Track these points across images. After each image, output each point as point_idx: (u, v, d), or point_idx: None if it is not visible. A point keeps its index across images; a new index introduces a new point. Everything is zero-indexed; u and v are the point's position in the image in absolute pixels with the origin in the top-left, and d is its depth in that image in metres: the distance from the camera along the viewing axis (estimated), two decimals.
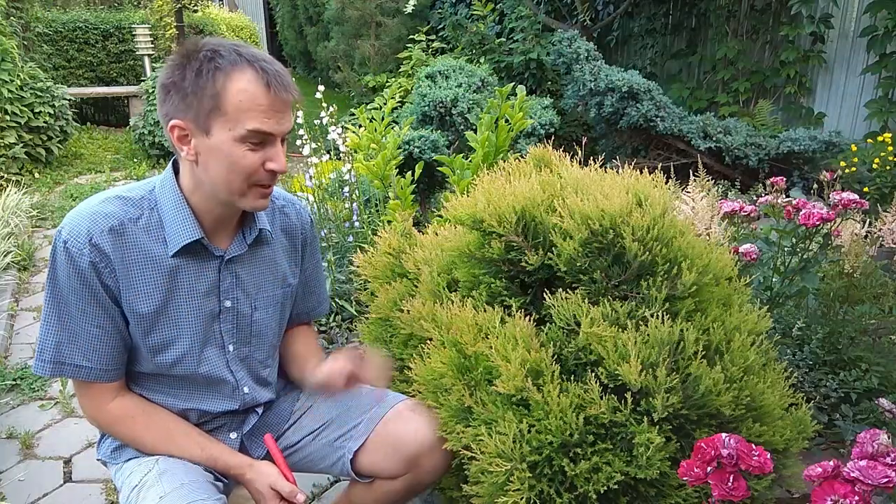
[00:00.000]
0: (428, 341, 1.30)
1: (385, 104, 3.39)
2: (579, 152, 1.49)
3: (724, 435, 0.96)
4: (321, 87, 3.49)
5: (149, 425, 1.18)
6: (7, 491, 1.90)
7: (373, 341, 1.64)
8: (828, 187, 2.78)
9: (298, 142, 3.40)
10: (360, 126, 2.66)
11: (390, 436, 1.25)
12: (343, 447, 1.28)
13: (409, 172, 2.52)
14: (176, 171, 1.15)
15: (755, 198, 2.76)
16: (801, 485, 1.17)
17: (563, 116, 5.17)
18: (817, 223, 1.73)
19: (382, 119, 2.62)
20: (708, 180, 2.39)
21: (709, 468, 0.95)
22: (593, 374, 1.12)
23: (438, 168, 2.52)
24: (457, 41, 6.39)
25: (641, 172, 1.36)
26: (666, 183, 1.39)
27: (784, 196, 1.95)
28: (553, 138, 4.49)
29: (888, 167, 3.63)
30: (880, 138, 3.80)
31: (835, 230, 1.90)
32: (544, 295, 1.25)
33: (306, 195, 3.35)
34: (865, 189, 3.57)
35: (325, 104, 3.33)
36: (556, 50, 4.65)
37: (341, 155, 3.40)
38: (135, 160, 6.13)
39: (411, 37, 6.94)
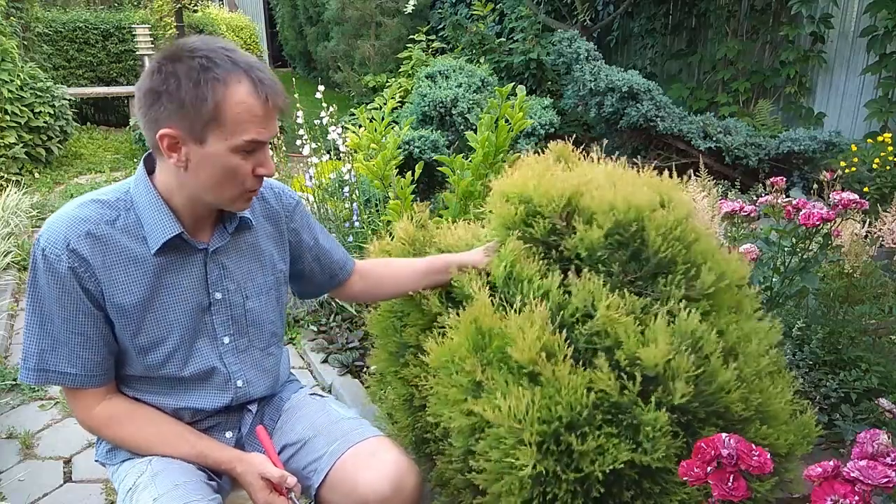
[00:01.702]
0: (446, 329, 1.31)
1: (385, 104, 3.39)
2: (598, 151, 1.53)
3: (724, 435, 0.96)
4: (321, 87, 3.49)
5: (139, 426, 1.17)
6: (7, 491, 1.90)
7: (382, 331, 1.64)
8: (828, 187, 2.79)
9: (298, 142, 3.41)
10: (360, 126, 2.65)
11: (346, 476, 1.22)
12: (310, 478, 1.26)
13: (409, 172, 2.51)
14: (149, 170, 1.15)
15: (755, 198, 2.77)
16: (801, 486, 1.18)
17: (563, 116, 5.18)
18: (817, 223, 1.72)
19: (382, 119, 2.62)
20: (708, 180, 2.40)
21: (709, 468, 0.95)
22: (606, 359, 1.13)
23: (438, 168, 2.51)
24: (457, 41, 6.40)
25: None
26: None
27: (784, 196, 1.95)
28: (553, 138, 4.50)
29: (888, 167, 3.63)
30: (880, 138, 3.81)
31: (835, 230, 1.90)
32: (570, 276, 1.27)
33: (306, 195, 3.35)
34: (865, 189, 3.58)
35: (325, 104, 3.33)
36: (556, 50, 4.65)
37: (341, 155, 3.40)
38: (135, 160, 6.14)
39: (411, 37, 6.94)
